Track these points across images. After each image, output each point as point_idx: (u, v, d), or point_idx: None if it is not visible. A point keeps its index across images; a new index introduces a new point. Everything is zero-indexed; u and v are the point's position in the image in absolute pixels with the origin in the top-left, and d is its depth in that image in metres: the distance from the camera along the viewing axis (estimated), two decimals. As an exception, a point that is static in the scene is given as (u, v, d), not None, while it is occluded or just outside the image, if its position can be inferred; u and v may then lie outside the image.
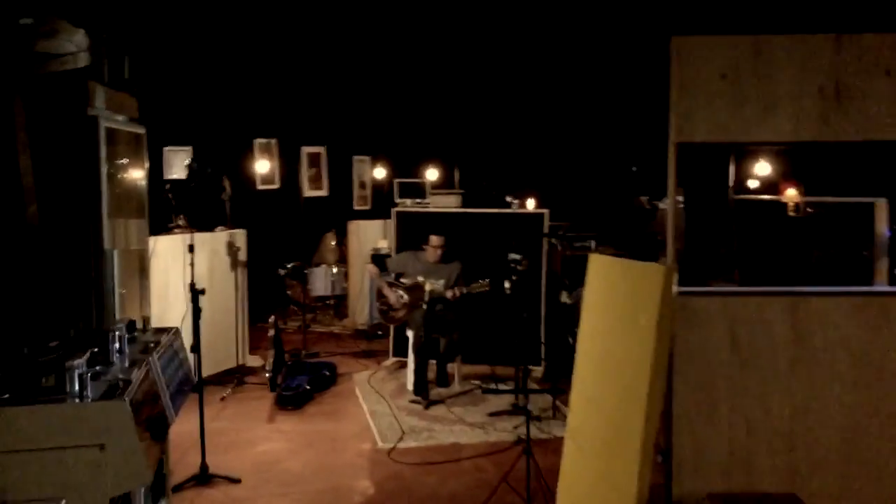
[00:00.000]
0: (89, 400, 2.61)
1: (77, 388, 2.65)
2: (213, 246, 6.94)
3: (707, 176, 6.87)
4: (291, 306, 10.20)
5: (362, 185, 10.95)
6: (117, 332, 3.18)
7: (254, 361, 7.59)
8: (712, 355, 3.61)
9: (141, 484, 2.86)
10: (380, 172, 10.94)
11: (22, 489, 2.46)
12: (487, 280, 6.41)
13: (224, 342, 7.07)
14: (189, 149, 8.01)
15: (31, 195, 3.65)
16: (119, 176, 4.05)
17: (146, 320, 3.81)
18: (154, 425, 2.94)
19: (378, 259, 7.83)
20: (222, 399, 6.50)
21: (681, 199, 6.31)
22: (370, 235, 9.39)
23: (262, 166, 9.00)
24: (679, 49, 3.58)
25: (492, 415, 6.08)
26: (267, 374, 6.74)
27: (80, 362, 2.71)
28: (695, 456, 3.61)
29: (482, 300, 6.65)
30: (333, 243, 10.06)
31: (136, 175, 4.36)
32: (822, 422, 3.57)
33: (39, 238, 3.64)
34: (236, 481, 4.81)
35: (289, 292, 10.12)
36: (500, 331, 6.94)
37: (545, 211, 7.32)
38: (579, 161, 11.37)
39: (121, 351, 3.12)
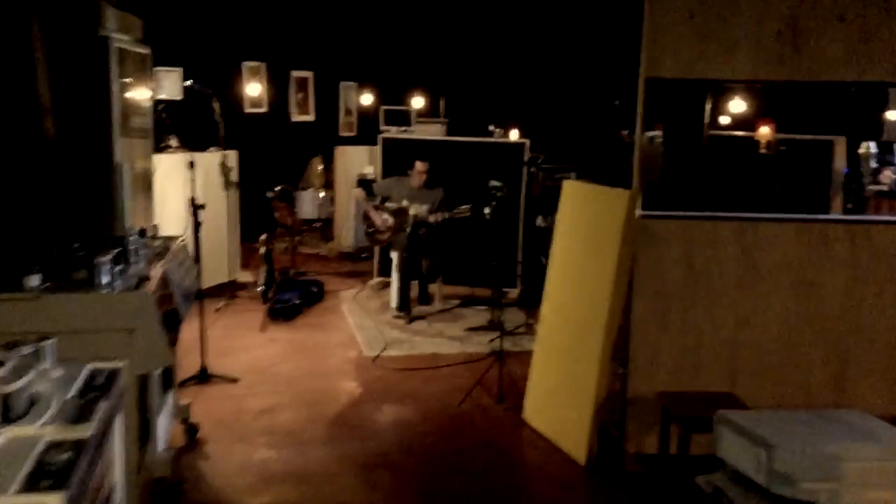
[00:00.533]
0: (118, 291, 2.98)
1: (106, 280, 3.02)
2: (207, 166, 7.21)
3: (684, 112, 7.21)
4: (279, 228, 10.53)
5: (349, 112, 11.16)
6: (132, 237, 3.53)
7: (244, 277, 7.96)
8: (669, 273, 4.02)
9: (163, 365, 3.27)
10: (366, 99, 11.14)
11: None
12: (468, 206, 6.77)
13: (217, 258, 7.42)
14: (179, 70, 8.16)
15: (47, 110, 3.93)
16: (127, 95, 4.32)
17: (155, 228, 4.16)
18: (169, 319, 3.32)
19: (364, 184, 8.14)
20: (217, 310, 6.89)
21: (660, 133, 6.66)
22: (356, 161, 9.67)
23: (253, 89, 9.19)
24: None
25: (469, 330, 6.54)
26: (259, 289, 7.13)
27: (106, 259, 3.07)
28: (648, 362, 4.06)
29: (463, 225, 7.02)
30: (320, 168, 10.33)
31: (143, 94, 4.62)
32: (762, 332, 4.03)
33: (56, 151, 3.93)
34: (234, 381, 5.24)
35: (276, 214, 10.42)
36: (479, 254, 7.33)
37: (525, 141, 7.64)
38: (563, 94, 11.60)
39: (136, 253, 3.47)
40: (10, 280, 2.92)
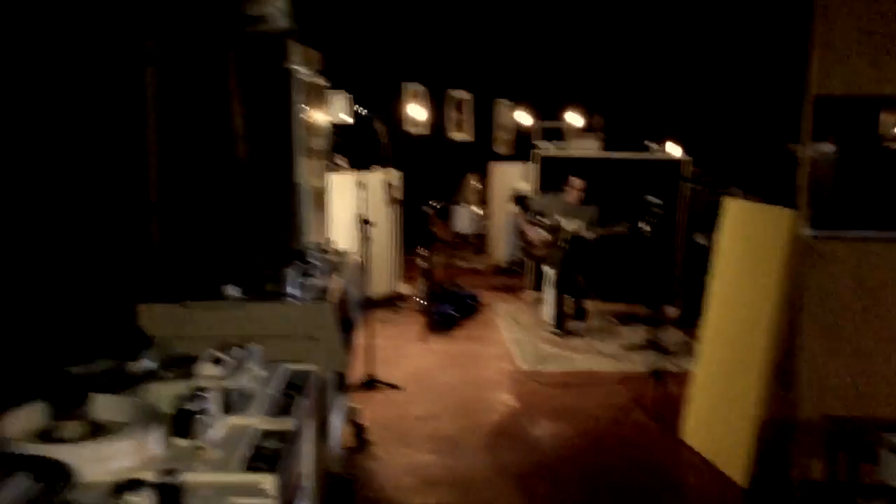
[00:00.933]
0: (303, 301, 3.30)
1: (292, 291, 3.35)
2: (373, 184, 7.65)
3: (856, 125, 6.84)
4: (436, 242, 10.91)
5: (504, 129, 11.41)
6: (312, 251, 3.88)
7: (406, 289, 8.34)
8: (838, 295, 3.88)
9: (342, 370, 3.57)
10: (522, 117, 11.33)
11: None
12: (625, 222, 6.76)
13: (380, 271, 7.83)
14: (348, 95, 8.71)
15: (240, 137, 4.39)
16: (307, 121, 4.73)
17: (329, 243, 4.52)
18: (345, 327, 3.62)
19: (520, 200, 8.30)
20: (381, 321, 7.28)
21: (833, 148, 6.37)
22: (511, 177, 9.87)
23: (415, 111, 9.60)
24: (825, 2, 3.78)
25: (626, 348, 6.52)
26: (419, 301, 7.46)
27: (292, 271, 3.41)
28: (815, 385, 3.92)
29: (619, 241, 7.02)
30: (476, 184, 10.62)
31: (320, 119, 5.04)
32: (945, 361, 3.79)
33: (247, 173, 4.38)
34: (397, 388, 5.53)
35: (433, 229, 10.80)
36: (636, 271, 7.29)
37: (684, 156, 7.52)
38: (725, 106, 11.26)
39: (316, 266, 3.81)
40: (212, 290, 3.30)
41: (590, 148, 8.95)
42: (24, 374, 2.09)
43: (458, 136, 10.48)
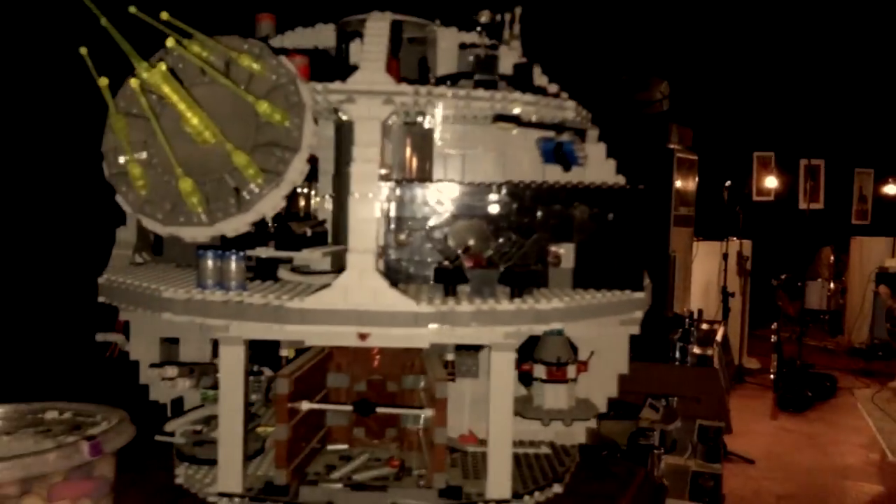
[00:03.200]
0: (691, 364, 3.61)
1: (678, 355, 3.66)
2: (731, 255, 7.70)
3: None
4: (781, 317, 10.46)
5: (862, 199, 10.67)
6: (688, 319, 4.16)
7: (750, 363, 8.17)
8: None
9: (725, 430, 3.79)
10: (888, 187, 10.49)
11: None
12: None
13: (729, 342, 7.80)
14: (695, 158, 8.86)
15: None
16: (681, 192, 5.06)
17: (700, 313, 4.76)
18: (722, 391, 3.83)
19: (887, 278, 7.74)
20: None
21: None
22: (874, 252, 9.19)
23: (769, 181, 9.46)
24: None
25: None
26: (771, 377, 7.28)
27: (678, 338, 3.72)
28: None
29: None
30: (831, 258, 10.04)
31: (690, 191, 5.35)
32: None
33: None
34: (750, 462, 5.50)
35: (779, 303, 10.39)
36: None
37: None
38: None
39: (692, 334, 4.08)
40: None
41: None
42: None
43: (810, 205, 10.03)
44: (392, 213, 1.74)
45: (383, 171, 1.65)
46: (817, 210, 10.25)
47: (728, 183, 6.50)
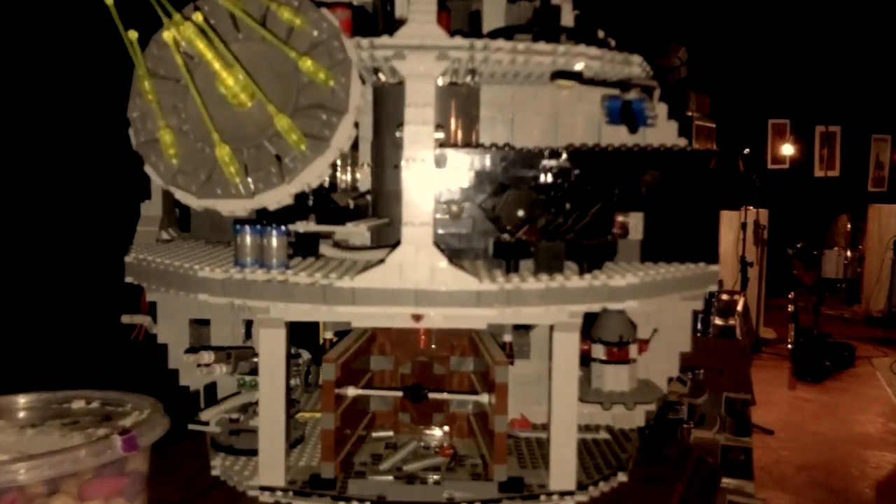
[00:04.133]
0: (713, 336, 3.49)
1: (702, 326, 3.54)
2: (744, 223, 7.56)
3: None
4: (797, 286, 10.35)
5: (879, 165, 10.50)
6: (713, 290, 4.03)
7: (766, 333, 8.07)
8: None
9: (749, 401, 3.69)
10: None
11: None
12: None
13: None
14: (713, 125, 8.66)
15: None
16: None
17: (721, 284, 4.63)
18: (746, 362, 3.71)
19: (908, 246, 7.62)
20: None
21: None
22: (892, 220, 9.04)
23: (785, 148, 9.29)
24: None
25: None
26: (788, 346, 7.18)
27: (700, 308, 3.60)
28: None
29: None
30: (848, 226, 9.90)
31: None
32: None
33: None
34: (769, 432, 5.42)
35: (794, 272, 10.27)
36: None
37: None
38: None
39: (713, 305, 3.95)
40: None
41: None
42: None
43: (826, 173, 9.87)
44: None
45: (439, 136, 1.50)
46: (833, 178, 10.10)
47: (746, 151, 6.33)
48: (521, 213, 1.55)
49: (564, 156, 1.59)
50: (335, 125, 1.37)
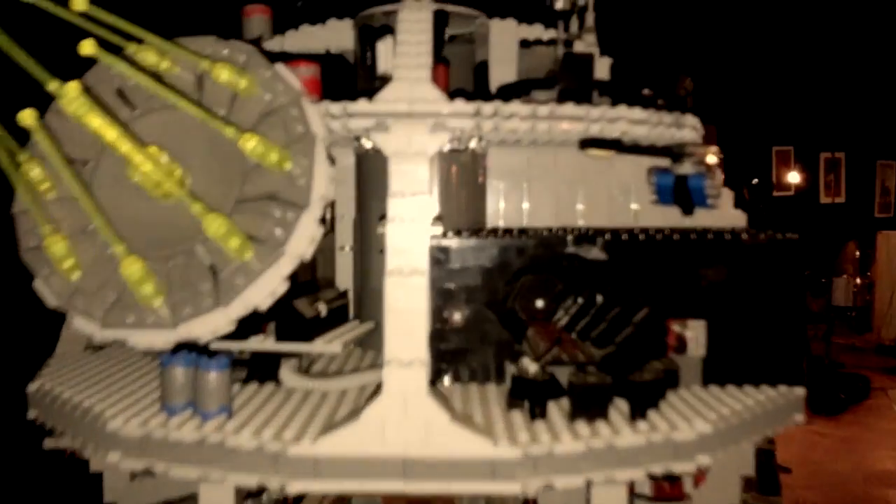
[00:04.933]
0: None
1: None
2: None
3: None
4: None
5: (885, 191, 10.30)
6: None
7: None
8: None
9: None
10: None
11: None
12: None
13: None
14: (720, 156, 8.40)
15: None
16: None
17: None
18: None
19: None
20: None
21: None
22: (904, 247, 8.73)
23: (790, 176, 9.02)
24: None
25: None
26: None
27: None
28: None
29: None
30: (857, 253, 9.61)
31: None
32: None
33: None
34: (787, 471, 5.05)
35: (801, 300, 9.95)
36: None
37: None
38: None
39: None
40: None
41: None
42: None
43: (831, 199, 9.58)
44: (434, 275, 1.21)
45: (437, 230, 1.13)
46: (839, 204, 9.85)
47: (755, 181, 6.01)
48: (539, 303, 1.18)
49: (600, 241, 1.21)
50: (292, 224, 0.99)
